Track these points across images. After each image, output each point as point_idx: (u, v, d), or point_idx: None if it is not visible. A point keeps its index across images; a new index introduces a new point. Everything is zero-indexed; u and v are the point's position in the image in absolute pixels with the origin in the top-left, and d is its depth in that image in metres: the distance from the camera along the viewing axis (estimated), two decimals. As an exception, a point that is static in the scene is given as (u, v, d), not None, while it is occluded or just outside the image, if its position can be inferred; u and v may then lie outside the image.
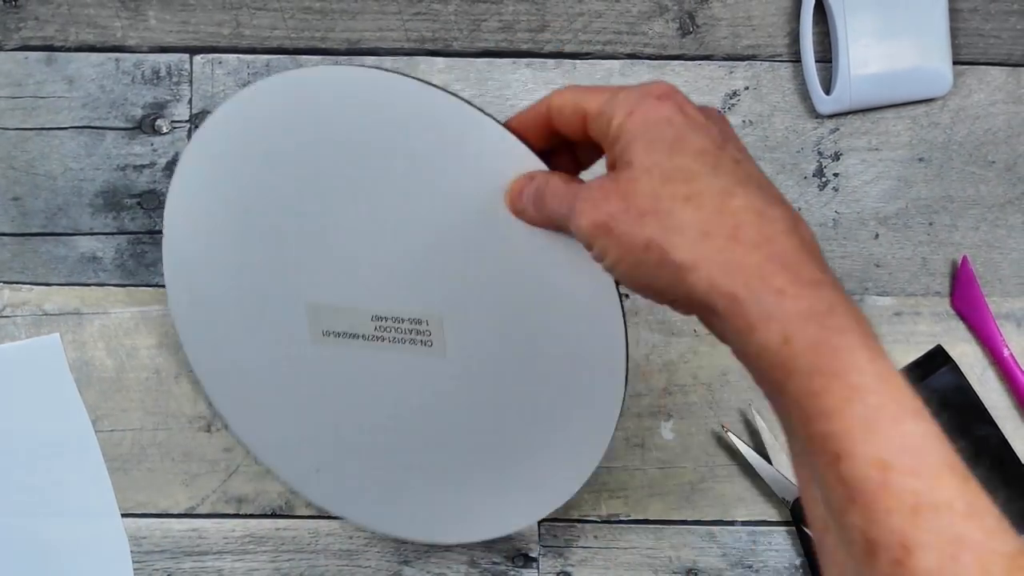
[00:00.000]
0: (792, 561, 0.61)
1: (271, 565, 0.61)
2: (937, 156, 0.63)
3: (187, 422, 0.61)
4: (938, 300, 0.62)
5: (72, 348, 0.61)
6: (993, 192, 0.63)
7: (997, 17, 0.63)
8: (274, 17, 0.63)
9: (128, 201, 0.62)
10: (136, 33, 0.62)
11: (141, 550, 0.61)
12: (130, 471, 0.61)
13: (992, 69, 0.63)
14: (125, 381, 0.61)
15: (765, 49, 0.63)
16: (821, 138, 0.63)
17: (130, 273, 0.61)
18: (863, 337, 0.32)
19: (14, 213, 0.62)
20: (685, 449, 0.61)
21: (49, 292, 0.61)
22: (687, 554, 0.61)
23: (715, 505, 0.61)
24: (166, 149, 0.62)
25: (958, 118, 0.63)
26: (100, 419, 0.61)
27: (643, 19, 0.63)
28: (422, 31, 0.62)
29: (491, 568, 0.61)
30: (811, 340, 0.32)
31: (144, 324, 0.61)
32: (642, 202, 0.35)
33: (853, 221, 0.62)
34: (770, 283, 0.33)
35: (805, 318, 0.32)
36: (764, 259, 0.33)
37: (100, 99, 0.62)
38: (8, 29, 0.62)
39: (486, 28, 0.63)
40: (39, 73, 0.62)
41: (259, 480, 0.61)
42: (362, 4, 0.63)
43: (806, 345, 0.32)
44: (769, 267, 0.33)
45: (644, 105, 0.37)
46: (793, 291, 0.33)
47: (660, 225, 0.34)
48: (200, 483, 0.61)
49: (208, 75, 0.62)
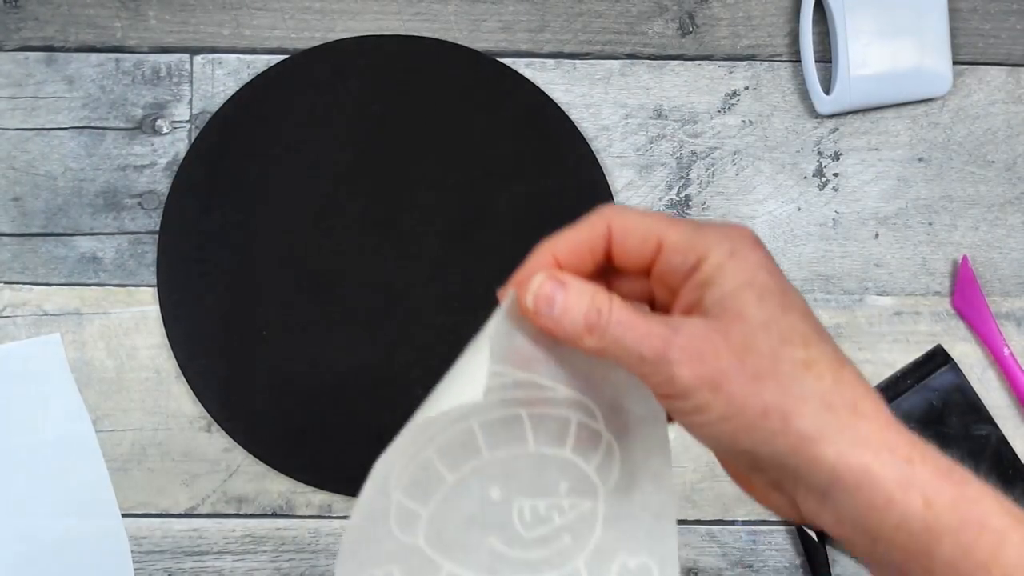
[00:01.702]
0: (792, 561, 0.61)
1: (271, 565, 0.61)
2: (937, 156, 0.63)
3: (187, 422, 0.61)
4: (938, 300, 0.62)
5: (72, 348, 0.61)
6: (993, 192, 0.63)
7: (996, 17, 0.63)
8: (274, 17, 0.63)
9: (128, 201, 0.62)
10: (136, 33, 0.62)
11: (142, 550, 0.61)
12: (130, 471, 0.61)
13: (991, 69, 0.63)
14: (125, 381, 0.61)
15: (765, 49, 0.63)
16: (821, 138, 0.63)
17: (130, 273, 0.62)
18: (981, 483, 0.33)
19: (14, 213, 0.62)
20: (685, 449, 0.61)
21: (49, 292, 0.61)
22: (687, 553, 0.61)
23: (715, 505, 0.61)
24: (166, 149, 0.62)
25: (958, 118, 0.63)
26: (100, 419, 0.61)
27: (643, 19, 0.63)
28: (422, 31, 0.62)
29: (491, 568, 0.61)
30: (950, 498, 0.32)
31: (144, 324, 0.61)
32: (760, 363, 0.33)
33: (853, 221, 0.63)
34: (898, 453, 0.33)
35: (938, 479, 0.32)
36: (884, 430, 0.33)
37: (100, 99, 0.62)
38: (8, 29, 0.62)
39: (486, 28, 0.63)
40: (39, 73, 0.62)
41: (259, 480, 0.61)
42: (362, 4, 0.63)
43: (948, 504, 0.32)
44: (892, 438, 0.33)
45: (744, 248, 0.35)
46: (919, 455, 0.33)
47: (781, 391, 0.33)
48: (200, 483, 0.61)
49: (208, 75, 0.62)
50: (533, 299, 0.36)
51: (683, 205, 0.62)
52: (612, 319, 0.35)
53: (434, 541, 0.43)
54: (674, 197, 0.62)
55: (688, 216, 0.62)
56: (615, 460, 0.43)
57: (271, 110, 0.61)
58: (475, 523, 0.43)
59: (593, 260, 0.37)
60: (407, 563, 0.43)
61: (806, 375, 0.33)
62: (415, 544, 0.43)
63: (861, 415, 0.33)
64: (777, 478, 0.35)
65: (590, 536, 0.44)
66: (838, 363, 0.33)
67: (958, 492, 0.32)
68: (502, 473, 0.43)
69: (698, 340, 0.33)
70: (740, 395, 0.33)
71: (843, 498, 0.33)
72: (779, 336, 0.33)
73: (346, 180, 0.62)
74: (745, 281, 0.34)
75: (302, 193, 0.61)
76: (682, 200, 0.62)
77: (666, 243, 0.36)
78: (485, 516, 0.44)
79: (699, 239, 0.35)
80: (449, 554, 0.44)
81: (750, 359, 0.33)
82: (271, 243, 0.60)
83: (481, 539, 0.44)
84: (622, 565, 0.44)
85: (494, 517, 0.44)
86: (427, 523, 0.43)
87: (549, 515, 0.44)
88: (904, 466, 0.32)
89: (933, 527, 0.32)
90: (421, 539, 0.43)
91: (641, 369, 0.35)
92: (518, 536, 0.44)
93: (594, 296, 0.35)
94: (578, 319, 0.35)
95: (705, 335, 0.33)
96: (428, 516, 0.43)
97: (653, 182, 0.62)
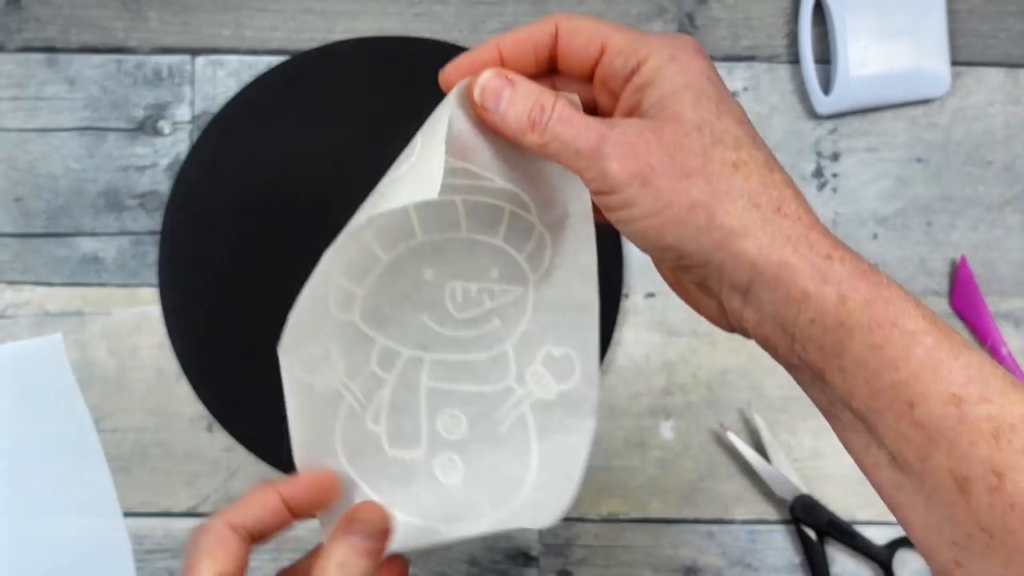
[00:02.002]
0: (791, 560, 0.61)
1: (272, 565, 0.61)
2: (935, 156, 0.63)
3: (188, 422, 0.61)
4: (936, 300, 0.62)
5: (74, 348, 0.61)
6: (991, 192, 0.63)
7: (995, 18, 0.63)
8: (275, 18, 0.63)
9: (130, 202, 0.62)
10: (137, 34, 0.63)
11: (143, 549, 0.61)
12: (132, 471, 0.61)
13: (990, 70, 0.63)
14: (127, 381, 0.61)
15: (764, 50, 0.63)
16: (820, 138, 0.63)
17: (132, 273, 0.62)
18: (901, 288, 0.34)
19: (16, 214, 0.62)
20: (685, 448, 0.61)
21: (51, 292, 0.62)
22: (687, 553, 0.61)
23: (715, 504, 0.61)
24: (168, 150, 0.62)
25: (956, 118, 0.63)
26: (102, 419, 0.61)
27: (643, 20, 0.63)
28: (422, 32, 0.63)
29: (492, 567, 0.61)
30: (865, 297, 0.33)
31: (146, 324, 0.61)
32: (690, 161, 0.34)
33: (852, 221, 0.63)
34: (818, 250, 0.34)
35: (855, 277, 0.33)
36: (807, 230, 0.34)
37: (102, 100, 0.62)
38: (10, 30, 0.62)
39: (486, 29, 0.63)
40: (41, 74, 0.62)
41: (260, 479, 0.61)
42: (362, 5, 0.63)
43: (861, 302, 0.33)
44: (814, 236, 0.34)
45: (686, 54, 0.35)
46: (839, 255, 0.34)
47: (709, 188, 0.34)
48: (201, 483, 0.61)
49: (210, 76, 0.62)
50: (481, 92, 0.38)
51: (683, 205, 0.63)
52: (554, 115, 0.36)
53: (369, 318, 0.46)
54: (674, 197, 0.63)
55: (688, 216, 0.62)
56: (546, 252, 0.45)
57: (272, 111, 0.61)
58: (408, 301, 0.46)
59: (537, 60, 0.39)
60: (343, 338, 0.45)
61: (734, 175, 0.34)
62: (351, 321, 0.45)
63: (785, 215, 0.34)
64: (703, 277, 0.35)
65: (519, 322, 0.46)
66: (768, 167, 0.35)
67: (874, 292, 0.33)
68: (435, 255, 0.45)
69: (632, 136, 0.34)
70: (668, 190, 0.34)
71: (763, 293, 0.34)
72: (711, 137, 0.34)
73: (347, 181, 0.62)
74: (683, 84, 0.35)
75: (303, 193, 0.61)
76: (682, 200, 0.63)
77: (609, 46, 0.37)
78: (419, 295, 0.46)
79: (642, 43, 0.36)
80: (383, 330, 0.46)
81: (680, 156, 0.34)
82: (272, 243, 0.60)
83: (414, 317, 0.46)
84: (547, 353, 0.46)
85: (427, 297, 0.46)
86: (363, 301, 0.46)
87: (480, 298, 0.46)
88: (822, 262, 0.34)
89: (846, 323, 0.33)
90: (357, 316, 0.46)
91: (577, 164, 0.36)
92: (449, 315, 0.46)
93: (540, 94, 0.37)
94: (522, 115, 0.37)
95: (639, 132, 0.35)
96: (364, 294, 0.45)
97: (653, 182, 0.63)
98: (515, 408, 0.47)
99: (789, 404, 0.61)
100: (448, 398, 0.47)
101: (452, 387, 0.47)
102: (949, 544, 0.32)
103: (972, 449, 0.31)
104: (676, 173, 0.34)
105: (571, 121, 0.36)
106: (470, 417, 0.47)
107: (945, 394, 0.32)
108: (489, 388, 0.47)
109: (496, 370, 0.47)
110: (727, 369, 0.61)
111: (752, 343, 0.36)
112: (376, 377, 0.47)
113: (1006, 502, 0.30)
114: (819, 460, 0.61)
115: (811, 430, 0.61)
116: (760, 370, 0.61)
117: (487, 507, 0.47)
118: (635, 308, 0.62)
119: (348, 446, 0.46)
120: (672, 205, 0.34)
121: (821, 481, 0.61)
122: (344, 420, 0.46)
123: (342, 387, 0.46)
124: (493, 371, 0.47)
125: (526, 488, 0.47)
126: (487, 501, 0.47)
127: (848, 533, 0.60)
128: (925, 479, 0.32)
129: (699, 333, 0.61)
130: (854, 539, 0.60)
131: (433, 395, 0.47)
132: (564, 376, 0.47)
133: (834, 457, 0.61)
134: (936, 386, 0.32)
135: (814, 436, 0.61)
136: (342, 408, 0.46)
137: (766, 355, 0.43)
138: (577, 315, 0.46)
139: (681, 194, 0.34)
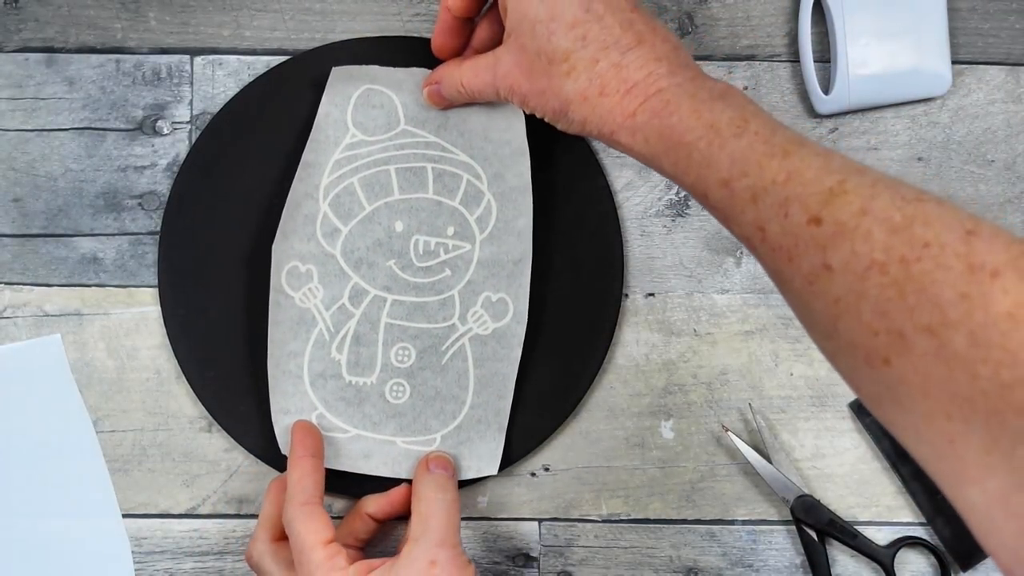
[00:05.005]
0: (792, 560, 0.61)
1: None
2: (936, 155, 0.63)
3: (187, 422, 0.61)
4: (937, 299, 0.62)
5: (73, 349, 0.61)
6: (992, 191, 0.63)
7: (996, 16, 0.63)
8: (274, 18, 0.63)
9: (129, 202, 0.62)
10: (136, 34, 0.62)
11: (142, 550, 0.61)
12: (131, 471, 0.61)
13: (991, 68, 0.63)
14: (126, 382, 0.61)
15: (764, 49, 0.63)
16: (820, 138, 0.63)
17: (131, 274, 0.62)
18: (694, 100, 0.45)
19: (15, 214, 0.62)
20: (685, 448, 0.61)
21: (50, 293, 0.61)
22: (687, 553, 0.61)
23: (715, 504, 0.61)
24: (167, 150, 0.62)
25: (957, 117, 0.63)
26: (101, 420, 0.61)
27: (642, 19, 0.63)
28: (422, 32, 0.63)
29: (492, 567, 0.61)
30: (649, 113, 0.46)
31: (145, 325, 0.61)
32: (540, 81, 0.49)
33: (852, 221, 0.62)
34: (626, 109, 0.47)
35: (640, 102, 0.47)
36: (621, 98, 0.47)
37: (100, 100, 0.62)
38: (8, 30, 0.62)
39: (486, 29, 0.63)
40: (39, 74, 0.62)
41: (259, 480, 0.61)
42: (362, 5, 0.63)
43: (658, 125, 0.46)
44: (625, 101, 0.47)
45: None
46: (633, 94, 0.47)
47: (557, 99, 0.49)
48: (201, 483, 0.61)
49: (209, 76, 0.62)
50: (427, 94, 0.58)
51: (683, 205, 0.62)
52: (465, 83, 0.54)
53: (347, 256, 0.58)
54: (673, 197, 0.62)
55: (688, 216, 0.62)
56: (492, 216, 0.58)
57: (272, 111, 0.61)
58: (381, 248, 0.58)
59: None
60: (324, 267, 0.58)
61: (565, 81, 0.48)
62: (333, 253, 0.58)
63: (606, 95, 0.47)
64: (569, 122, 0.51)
65: (465, 273, 0.58)
66: (591, 62, 0.47)
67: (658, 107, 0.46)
68: (407, 211, 0.58)
69: (505, 68, 0.51)
70: (534, 102, 0.51)
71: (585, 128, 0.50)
72: (548, 59, 0.49)
73: (346, 180, 0.62)
74: (522, 15, 0.49)
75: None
76: (681, 200, 0.62)
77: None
78: (390, 243, 0.58)
79: None
80: (357, 270, 0.58)
81: (534, 79, 0.50)
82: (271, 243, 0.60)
83: (384, 262, 0.58)
84: (486, 298, 0.58)
85: (396, 246, 0.58)
86: (344, 239, 0.58)
87: (436, 250, 0.58)
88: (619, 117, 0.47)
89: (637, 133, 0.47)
90: (338, 251, 0.58)
91: (495, 98, 0.53)
92: (411, 263, 0.58)
93: (451, 76, 0.55)
94: (452, 92, 0.56)
95: (508, 68, 0.51)
96: (346, 233, 0.58)
97: (652, 182, 0.63)
98: (456, 342, 0.58)
99: (789, 404, 0.61)
100: (402, 333, 0.58)
101: (406, 324, 0.58)
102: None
103: (742, 215, 0.42)
104: (536, 91, 0.50)
105: (474, 75, 0.53)
106: (419, 349, 0.58)
107: (718, 180, 0.43)
108: (436, 326, 0.58)
109: (444, 311, 0.58)
110: (727, 369, 0.61)
111: (752, 343, 0.36)
112: (346, 310, 0.58)
113: (769, 247, 0.41)
114: (820, 460, 0.61)
115: (812, 430, 0.61)
116: (760, 370, 0.61)
117: (436, 423, 0.58)
118: (635, 308, 0.62)
119: (312, 371, 0.58)
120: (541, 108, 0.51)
121: (822, 481, 0.61)
122: (313, 346, 0.58)
123: (317, 314, 0.58)
124: (441, 312, 0.58)
125: (466, 407, 0.58)
126: (435, 419, 0.58)
127: (849, 533, 0.60)
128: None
129: (699, 333, 0.61)
130: (855, 539, 0.60)
131: (390, 330, 0.58)
132: (499, 316, 0.58)
133: (835, 457, 0.61)
134: (712, 177, 0.43)
135: (815, 436, 0.61)
136: (314, 333, 0.58)
137: (766, 355, 0.43)
138: (514, 267, 0.58)
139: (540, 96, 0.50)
